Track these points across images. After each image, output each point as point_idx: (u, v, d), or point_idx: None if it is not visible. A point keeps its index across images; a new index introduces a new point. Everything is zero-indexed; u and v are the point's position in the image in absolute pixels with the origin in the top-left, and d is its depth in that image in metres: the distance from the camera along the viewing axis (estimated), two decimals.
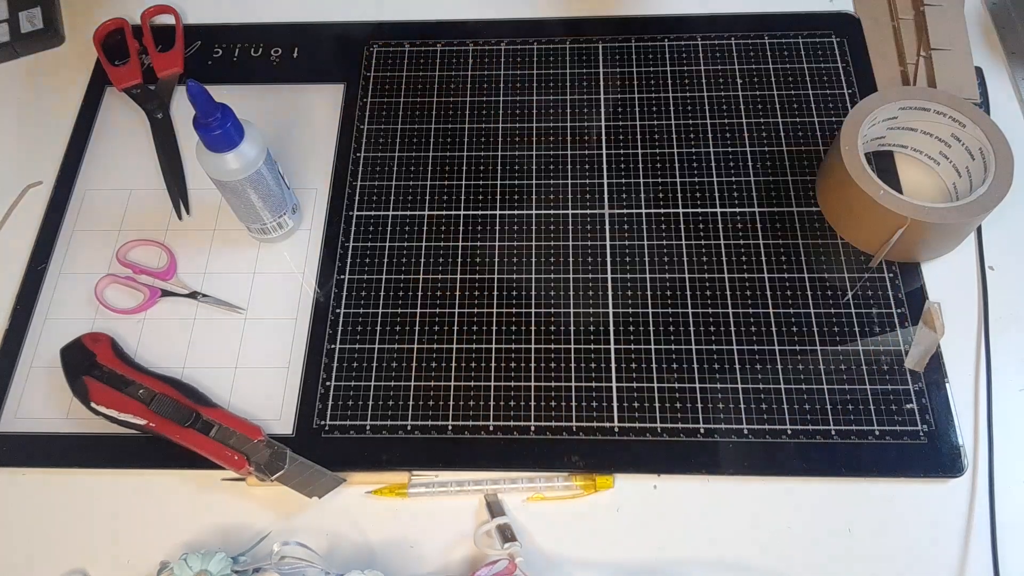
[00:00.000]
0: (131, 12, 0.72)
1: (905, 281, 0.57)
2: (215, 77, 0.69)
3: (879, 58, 0.67)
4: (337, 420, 0.54)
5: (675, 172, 0.62)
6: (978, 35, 0.68)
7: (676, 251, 0.59)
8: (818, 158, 0.62)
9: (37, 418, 0.55)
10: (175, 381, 0.54)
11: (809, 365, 0.54)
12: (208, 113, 0.49)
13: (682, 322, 0.56)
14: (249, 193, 0.54)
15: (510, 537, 0.50)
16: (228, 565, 0.48)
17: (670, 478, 0.52)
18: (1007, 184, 0.53)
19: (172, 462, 0.53)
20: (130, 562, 0.51)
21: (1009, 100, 0.65)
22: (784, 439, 0.52)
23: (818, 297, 0.57)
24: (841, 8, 0.70)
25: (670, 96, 0.65)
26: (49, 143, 0.67)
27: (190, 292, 0.59)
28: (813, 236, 0.59)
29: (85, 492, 0.53)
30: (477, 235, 0.60)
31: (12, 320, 0.59)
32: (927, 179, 0.61)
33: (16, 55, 0.72)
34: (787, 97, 0.65)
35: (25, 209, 0.64)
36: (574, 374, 0.55)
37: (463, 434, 0.53)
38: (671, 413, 0.53)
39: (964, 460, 0.51)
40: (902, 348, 0.55)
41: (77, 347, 0.56)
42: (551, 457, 0.52)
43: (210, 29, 0.72)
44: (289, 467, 0.50)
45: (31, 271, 0.61)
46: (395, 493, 0.52)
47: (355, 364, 0.56)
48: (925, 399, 0.53)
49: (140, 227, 0.62)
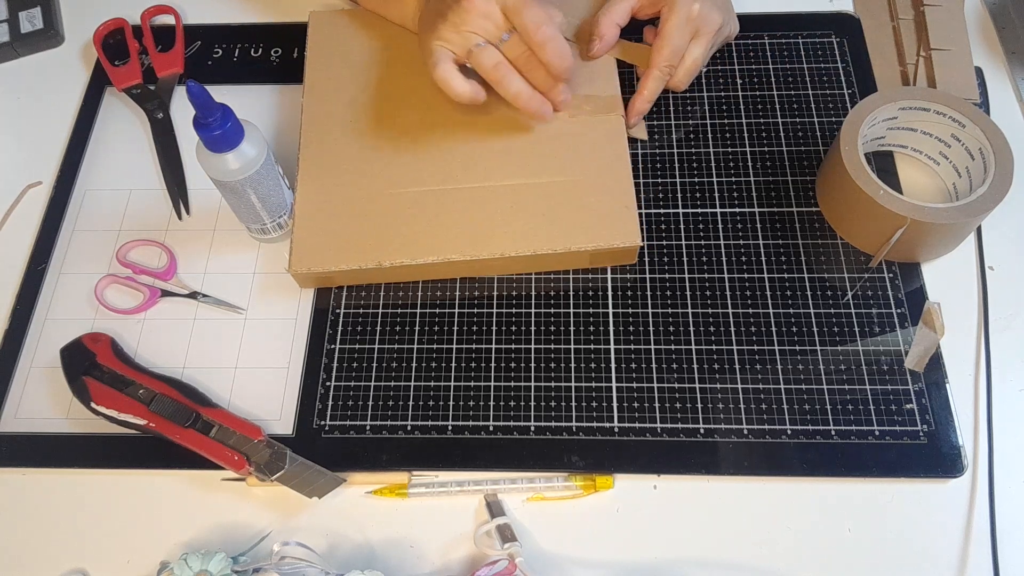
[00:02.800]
0: (131, 12, 0.72)
1: (905, 281, 0.57)
2: (215, 77, 0.69)
3: (879, 58, 0.67)
4: (337, 420, 0.54)
5: (675, 172, 0.62)
6: (978, 35, 0.68)
7: (676, 251, 0.59)
8: (818, 158, 0.62)
9: (37, 418, 0.55)
10: (175, 381, 0.54)
11: (809, 365, 0.54)
12: (208, 113, 0.49)
13: (682, 322, 0.56)
14: (249, 193, 0.54)
15: (510, 537, 0.50)
16: (228, 565, 0.48)
17: (670, 478, 0.52)
18: (1007, 184, 0.53)
19: (172, 462, 0.53)
20: (130, 562, 0.51)
21: (1009, 100, 0.65)
22: (784, 439, 0.52)
23: (818, 297, 0.57)
24: (841, 8, 0.70)
25: (670, 96, 0.65)
26: (49, 143, 0.67)
27: (190, 292, 0.59)
28: (813, 236, 0.59)
29: (85, 492, 0.53)
30: None
31: (12, 320, 0.59)
32: (927, 179, 0.61)
33: (16, 55, 0.72)
34: (787, 97, 0.65)
35: (25, 209, 0.64)
36: (574, 374, 0.55)
37: (463, 434, 0.53)
38: (671, 413, 0.53)
39: (964, 460, 0.51)
40: (902, 348, 0.55)
41: (77, 347, 0.56)
42: (551, 457, 0.52)
43: (210, 29, 0.72)
44: (289, 467, 0.50)
45: (31, 271, 0.61)
46: (395, 493, 0.52)
47: (355, 364, 0.56)
48: (925, 399, 0.53)
49: (140, 227, 0.62)
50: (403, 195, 0.57)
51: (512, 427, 0.53)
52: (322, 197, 0.57)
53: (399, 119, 0.60)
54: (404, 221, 0.56)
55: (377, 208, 0.57)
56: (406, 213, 0.56)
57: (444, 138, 0.59)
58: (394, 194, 0.57)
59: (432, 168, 0.58)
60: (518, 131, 0.59)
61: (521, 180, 0.57)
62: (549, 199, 0.56)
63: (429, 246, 0.55)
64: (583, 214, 0.56)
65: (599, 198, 0.56)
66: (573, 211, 0.56)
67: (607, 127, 0.59)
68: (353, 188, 0.58)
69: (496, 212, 0.56)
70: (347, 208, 0.57)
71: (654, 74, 0.60)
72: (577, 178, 0.57)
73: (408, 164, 0.58)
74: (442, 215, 0.56)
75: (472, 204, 0.56)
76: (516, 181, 0.57)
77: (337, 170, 0.59)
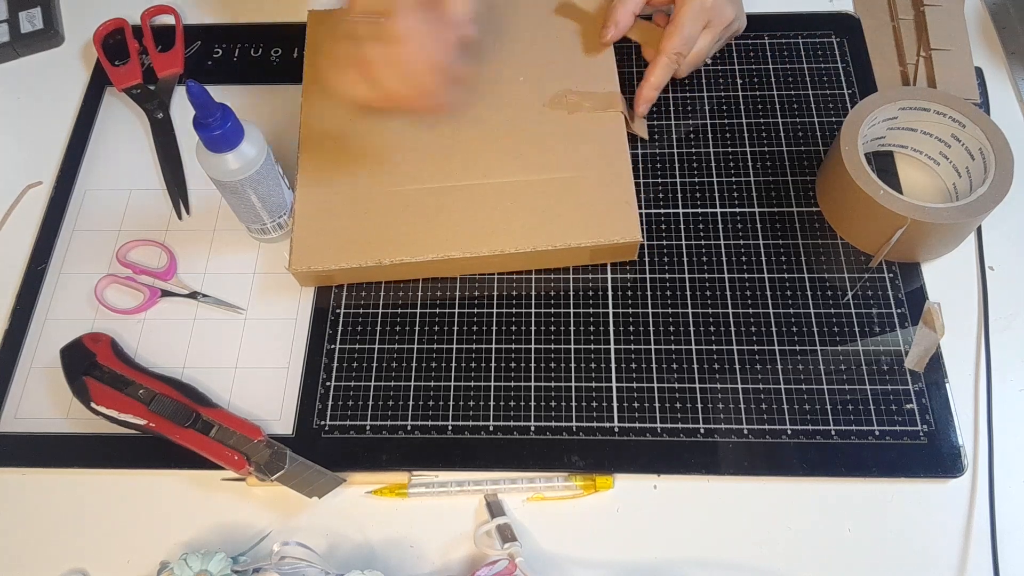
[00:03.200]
0: (131, 12, 0.72)
1: (905, 281, 0.57)
2: (215, 77, 0.69)
3: (879, 58, 0.67)
4: (337, 420, 0.54)
5: (675, 172, 0.62)
6: (978, 35, 0.68)
7: (676, 251, 0.59)
8: (818, 158, 0.62)
9: (37, 418, 0.55)
10: (175, 381, 0.54)
11: (809, 365, 0.54)
12: (208, 113, 0.49)
13: (682, 322, 0.56)
14: (249, 193, 0.54)
15: (510, 537, 0.50)
16: (228, 565, 0.48)
17: (670, 478, 0.52)
18: (1007, 184, 0.53)
19: (172, 462, 0.53)
20: (130, 562, 0.51)
21: (1009, 100, 0.65)
22: (784, 439, 0.52)
23: (818, 297, 0.57)
24: (841, 8, 0.70)
25: (670, 96, 0.65)
26: (49, 143, 0.67)
27: (190, 292, 0.59)
28: (813, 236, 0.59)
29: (85, 492, 0.53)
30: None
31: (12, 320, 0.59)
32: (927, 179, 0.61)
33: (16, 55, 0.72)
34: (787, 97, 0.65)
35: (25, 209, 0.64)
36: (574, 374, 0.55)
37: (463, 434, 0.53)
38: (671, 413, 0.53)
39: (964, 460, 0.51)
40: (902, 348, 0.55)
41: (77, 347, 0.56)
42: (551, 457, 0.52)
43: (210, 29, 0.72)
44: (289, 467, 0.50)
45: (31, 271, 0.61)
46: (395, 493, 0.52)
47: (355, 364, 0.56)
48: (925, 399, 0.53)
49: (140, 227, 0.62)
50: (403, 193, 0.57)
51: (512, 427, 0.53)
52: (322, 196, 0.57)
53: (398, 117, 0.60)
54: (404, 219, 0.56)
55: (377, 206, 0.57)
56: (406, 211, 0.57)
57: (444, 136, 0.59)
58: (394, 192, 0.57)
59: (432, 166, 0.58)
60: (518, 128, 0.59)
61: (521, 177, 0.57)
62: (549, 195, 0.56)
63: (429, 244, 0.55)
64: (583, 210, 0.56)
65: (599, 194, 0.56)
66: (573, 207, 0.56)
67: (607, 124, 0.59)
68: (353, 187, 0.58)
69: (496, 209, 0.56)
70: (347, 207, 0.57)
71: (663, 61, 0.60)
72: (577, 174, 0.57)
73: (408, 162, 0.58)
74: (442, 213, 0.56)
75: (472, 201, 0.56)
76: (516, 178, 0.57)
77: (337, 169, 0.59)
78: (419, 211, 0.56)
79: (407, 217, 0.56)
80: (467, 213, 0.56)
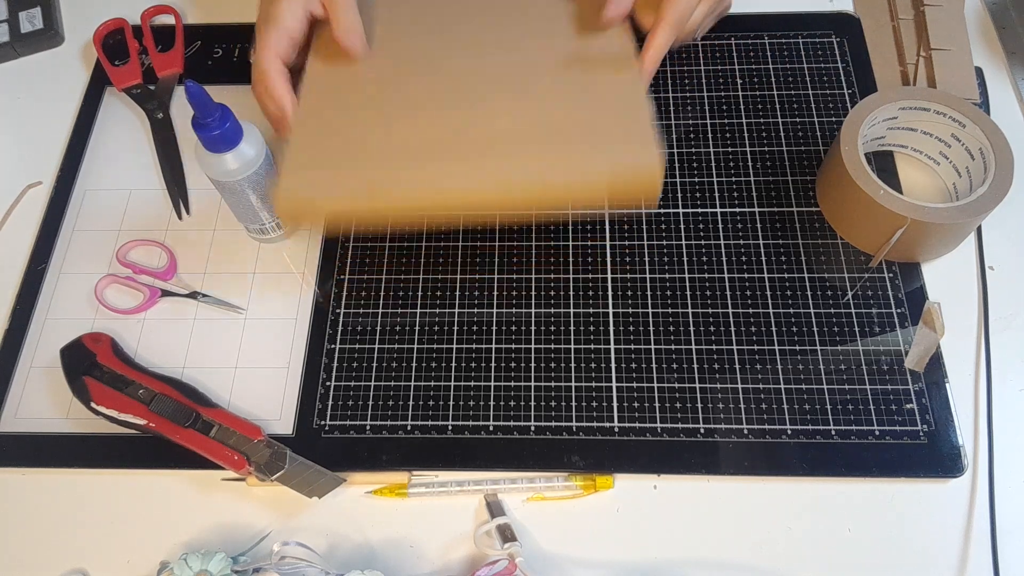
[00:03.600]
0: (131, 12, 0.72)
1: (905, 281, 0.57)
2: (215, 77, 0.69)
3: (879, 58, 0.67)
4: (337, 420, 0.54)
5: (675, 172, 0.62)
6: (978, 35, 0.68)
7: (676, 251, 0.59)
8: (818, 158, 0.62)
9: (37, 418, 0.55)
10: (175, 381, 0.54)
11: (809, 365, 0.54)
12: (207, 113, 0.49)
13: (682, 322, 0.56)
14: (248, 193, 0.54)
15: (510, 537, 0.50)
16: (228, 565, 0.48)
17: (670, 478, 0.52)
18: (1007, 184, 0.53)
19: (172, 462, 0.53)
20: (130, 562, 0.51)
21: (1009, 100, 0.65)
22: (784, 439, 0.52)
23: (818, 297, 0.57)
24: (841, 8, 0.70)
25: (670, 96, 0.65)
26: (49, 143, 0.67)
27: (190, 292, 0.59)
28: (813, 236, 0.59)
29: (85, 492, 0.53)
30: (477, 235, 0.60)
31: (12, 320, 0.59)
32: (927, 179, 0.61)
33: (16, 55, 0.72)
34: (787, 97, 0.65)
35: (25, 209, 0.64)
36: (574, 374, 0.55)
37: (463, 434, 0.53)
38: (671, 413, 0.53)
39: (964, 460, 0.51)
40: (902, 348, 0.55)
41: (77, 347, 0.56)
42: (551, 457, 0.52)
43: (210, 29, 0.72)
44: (289, 467, 0.50)
45: (31, 271, 0.61)
46: (395, 493, 0.52)
47: (355, 364, 0.56)
48: (925, 399, 0.53)
49: (140, 227, 0.62)
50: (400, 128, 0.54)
51: (512, 427, 0.53)
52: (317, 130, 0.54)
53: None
54: (401, 152, 0.53)
55: (374, 140, 0.53)
56: (403, 144, 0.53)
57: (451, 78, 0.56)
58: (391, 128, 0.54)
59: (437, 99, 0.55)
60: (529, 72, 0.56)
61: (529, 104, 0.54)
62: (558, 124, 0.53)
63: (428, 176, 0.51)
64: (595, 138, 0.52)
65: (613, 122, 0.52)
66: (584, 135, 0.52)
67: (618, 61, 0.56)
68: (350, 127, 0.54)
69: (501, 139, 0.52)
70: (343, 144, 0.53)
71: (663, 27, 0.56)
72: (588, 103, 0.54)
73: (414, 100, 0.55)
74: (443, 143, 0.53)
75: (478, 134, 0.53)
76: (524, 106, 0.54)
77: (335, 110, 0.55)
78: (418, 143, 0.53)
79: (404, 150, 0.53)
80: (472, 145, 0.52)
